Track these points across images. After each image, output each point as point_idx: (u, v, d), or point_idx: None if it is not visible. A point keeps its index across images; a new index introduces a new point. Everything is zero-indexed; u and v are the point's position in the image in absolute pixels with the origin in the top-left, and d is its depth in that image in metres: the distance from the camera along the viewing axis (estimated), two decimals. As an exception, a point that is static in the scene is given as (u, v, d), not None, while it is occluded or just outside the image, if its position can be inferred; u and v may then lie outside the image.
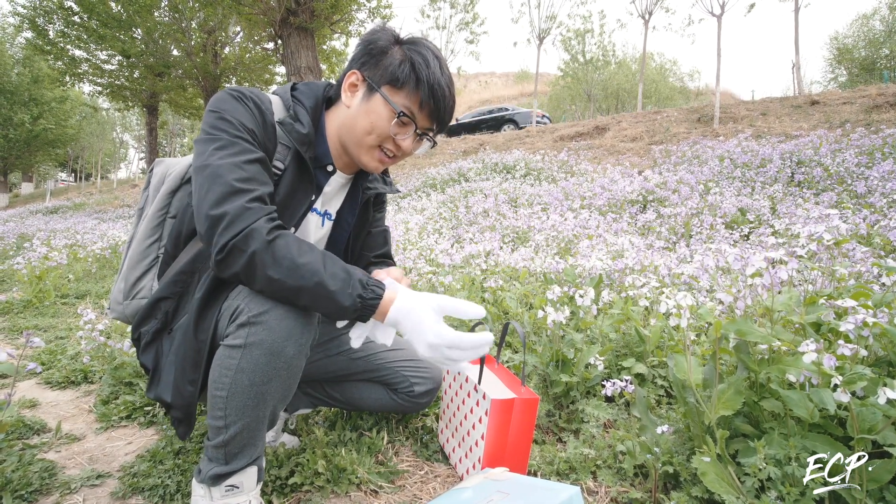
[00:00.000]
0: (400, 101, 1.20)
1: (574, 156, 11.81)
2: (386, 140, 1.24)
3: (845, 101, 11.94)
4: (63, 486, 1.47)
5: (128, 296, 1.28)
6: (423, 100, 1.20)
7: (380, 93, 1.19)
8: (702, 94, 30.37)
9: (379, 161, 1.28)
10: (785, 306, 1.25)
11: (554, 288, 2.11)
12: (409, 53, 1.20)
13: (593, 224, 5.30)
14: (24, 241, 8.77)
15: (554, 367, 2.03)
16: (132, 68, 16.70)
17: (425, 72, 1.18)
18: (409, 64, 1.18)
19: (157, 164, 1.39)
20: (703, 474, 1.13)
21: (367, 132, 1.22)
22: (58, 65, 16.14)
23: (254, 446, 1.19)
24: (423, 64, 1.18)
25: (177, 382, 1.17)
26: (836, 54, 27.24)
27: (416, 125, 1.23)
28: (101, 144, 37.22)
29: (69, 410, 2.11)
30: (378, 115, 1.20)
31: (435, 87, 1.19)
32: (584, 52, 24.71)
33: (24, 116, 23.68)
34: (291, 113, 1.23)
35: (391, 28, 1.26)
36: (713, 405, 1.20)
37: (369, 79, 1.21)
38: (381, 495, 1.43)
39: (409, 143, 1.26)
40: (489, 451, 1.34)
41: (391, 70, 1.19)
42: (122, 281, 1.28)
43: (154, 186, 1.34)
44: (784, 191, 6.06)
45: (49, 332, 3.41)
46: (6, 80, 23.33)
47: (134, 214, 1.44)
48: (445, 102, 1.22)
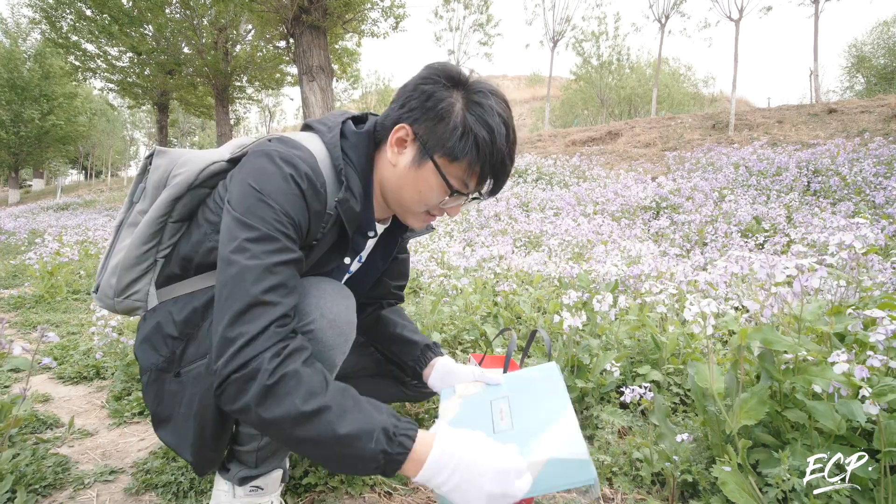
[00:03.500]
0: (454, 173, 1.05)
1: (586, 161, 11.77)
2: (433, 208, 1.12)
3: (863, 109, 11.81)
4: (76, 481, 1.47)
5: (120, 294, 1.16)
6: (482, 175, 1.07)
7: (433, 162, 1.04)
8: (716, 101, 30.15)
9: (424, 223, 1.18)
10: (814, 315, 1.22)
11: (570, 293, 2.09)
12: (472, 122, 1.02)
13: (606, 230, 5.27)
14: (35, 237, 8.81)
15: (569, 373, 2.02)
16: (143, 65, 16.56)
17: (488, 149, 1.02)
18: (473, 138, 1.01)
19: (158, 155, 1.21)
20: (724, 484, 1.12)
21: (415, 201, 1.09)
22: (69, 59, 16.14)
23: (285, 452, 1.19)
24: (486, 139, 1.02)
25: (198, 447, 1.09)
26: (855, 62, 26.93)
27: (468, 196, 1.10)
28: (111, 142, 37.36)
29: (82, 406, 2.12)
30: (429, 186, 1.06)
31: (496, 163, 1.05)
32: (598, 55, 24.62)
33: (33, 112, 23.62)
34: (344, 183, 1.07)
35: (454, 70, 1.08)
36: (735, 414, 1.18)
37: (422, 141, 1.05)
38: (394, 497, 1.43)
39: (458, 209, 1.15)
40: None
41: (451, 143, 1.02)
42: (114, 277, 1.16)
43: (153, 182, 1.18)
44: (800, 200, 6.00)
45: (61, 327, 3.42)
46: (17, 76, 23.26)
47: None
48: (506, 177, 1.09)
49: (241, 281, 0.90)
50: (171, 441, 1.11)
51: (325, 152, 1.08)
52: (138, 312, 1.19)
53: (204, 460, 1.11)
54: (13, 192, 27.14)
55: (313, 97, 9.28)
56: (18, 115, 23.69)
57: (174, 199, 1.14)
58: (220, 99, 16.12)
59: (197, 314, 1.09)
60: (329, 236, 1.11)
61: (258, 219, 0.94)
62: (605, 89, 25.02)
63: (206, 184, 1.17)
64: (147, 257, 1.15)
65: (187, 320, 1.09)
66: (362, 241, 1.22)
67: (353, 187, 1.08)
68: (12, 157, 25.65)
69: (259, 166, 0.99)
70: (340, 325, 1.06)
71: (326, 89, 9.43)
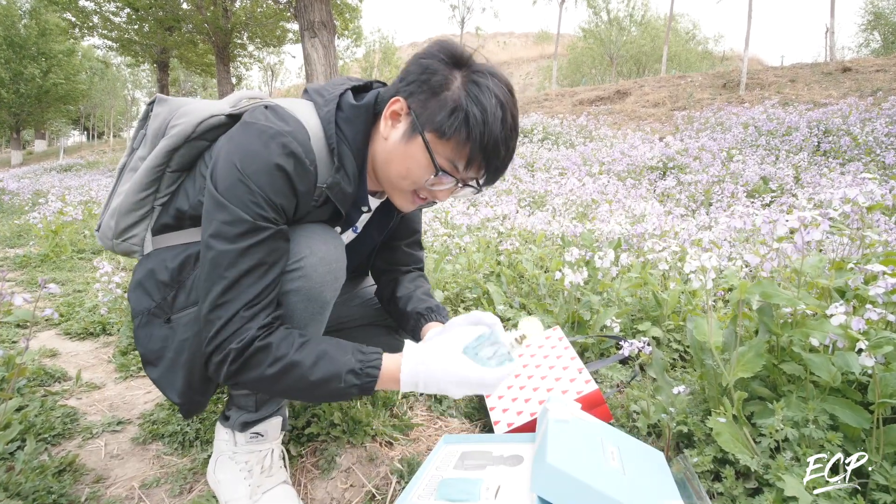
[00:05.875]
0: (443, 153, 1.02)
1: (594, 120, 11.59)
2: (421, 189, 1.09)
3: (879, 68, 11.51)
4: (85, 431, 1.51)
5: (118, 237, 1.19)
6: (471, 157, 1.02)
7: (422, 138, 1.01)
8: (727, 59, 29.38)
9: (412, 203, 1.13)
10: (814, 269, 1.22)
11: (572, 249, 2.09)
12: (465, 99, 0.98)
13: (612, 189, 5.23)
14: (39, 198, 8.81)
15: (570, 328, 2.03)
16: (142, 21, 16.27)
17: (479, 129, 0.98)
18: (463, 115, 0.98)
19: (159, 103, 1.21)
20: (718, 434, 1.13)
21: (402, 177, 1.06)
22: (66, 16, 15.83)
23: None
24: (478, 118, 0.97)
25: (185, 390, 1.12)
26: (872, 19, 26.04)
27: (457, 179, 1.06)
28: (112, 102, 37.08)
29: (89, 360, 2.15)
30: (416, 162, 1.03)
31: (488, 146, 1.00)
32: (607, 10, 23.89)
33: (34, 70, 23.33)
34: (337, 163, 1.05)
35: (458, 49, 1.04)
36: (732, 367, 1.19)
37: (415, 115, 1.02)
38: (395, 447, 1.46)
39: (447, 193, 1.11)
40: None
41: (440, 117, 0.99)
42: (113, 220, 1.18)
43: (153, 130, 1.19)
44: (809, 160, 5.92)
45: (67, 285, 3.45)
46: (14, 34, 22.86)
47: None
48: (499, 161, 1.04)
49: (217, 266, 0.95)
50: (158, 381, 1.14)
51: (319, 126, 1.06)
52: (135, 255, 1.21)
53: (191, 403, 1.14)
54: (15, 154, 27.01)
55: (315, 54, 9.06)
56: (18, 74, 23.36)
57: (171, 150, 1.14)
58: (221, 57, 15.91)
59: (189, 263, 1.11)
60: (320, 210, 1.10)
61: (236, 200, 0.95)
62: (614, 47, 24.37)
63: (205, 136, 1.16)
64: (144, 204, 1.17)
65: (180, 268, 1.11)
66: (356, 214, 1.22)
67: (347, 167, 1.07)
68: (13, 118, 25.44)
69: (245, 143, 0.98)
70: (330, 262, 1.07)
71: (329, 46, 9.19)
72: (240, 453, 1.20)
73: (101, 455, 1.41)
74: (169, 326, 1.11)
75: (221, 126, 1.16)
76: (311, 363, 0.96)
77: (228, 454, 1.20)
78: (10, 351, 1.53)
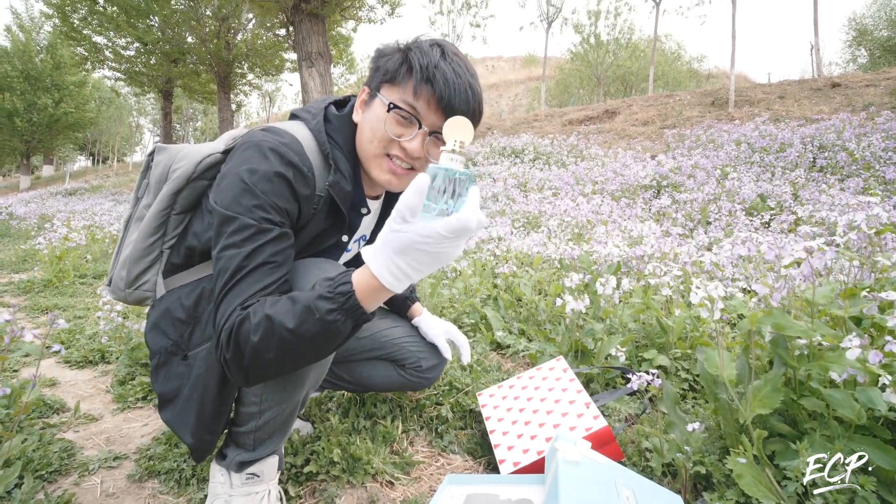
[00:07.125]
0: (395, 95, 1.08)
1: (584, 140, 11.65)
2: (390, 145, 1.10)
3: (868, 83, 11.63)
4: (81, 467, 1.49)
5: (130, 285, 1.24)
6: (417, 85, 1.05)
7: (378, 95, 1.10)
8: (713, 77, 29.74)
9: (389, 171, 1.13)
10: (826, 298, 1.17)
11: (572, 275, 2.04)
12: (407, 49, 1.10)
13: (606, 209, 5.21)
14: (44, 222, 9.06)
15: (573, 357, 1.97)
16: (149, 55, 17.11)
17: (419, 58, 1.06)
18: (407, 58, 1.08)
19: (159, 152, 1.28)
20: (739, 476, 1.07)
21: (370, 140, 1.12)
22: (78, 50, 16.60)
23: (283, 433, 1.20)
24: (417, 52, 1.07)
25: (196, 429, 1.14)
26: (856, 35, 26.48)
27: (419, 122, 1.08)
28: (118, 128, 38.11)
29: (87, 390, 2.14)
30: (377, 117, 1.10)
31: (431, 68, 1.05)
32: (595, 34, 24.24)
33: (47, 100, 24.35)
34: (333, 165, 1.13)
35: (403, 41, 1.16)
36: (748, 403, 1.14)
37: (370, 86, 1.14)
38: (397, 487, 1.40)
39: (417, 144, 1.09)
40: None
41: (388, 67, 1.09)
42: (124, 270, 1.23)
43: (156, 178, 1.25)
44: (806, 176, 5.91)
45: (68, 311, 3.48)
46: (31, 67, 24.10)
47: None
48: (449, 86, 1.05)
49: (224, 272, 0.98)
50: (172, 421, 1.17)
51: (311, 138, 1.14)
52: (148, 302, 1.27)
53: (202, 443, 1.15)
54: (24, 179, 27.90)
55: (312, 82, 9.38)
56: (32, 104, 24.41)
57: (175, 192, 1.21)
58: (223, 85, 16.61)
59: (204, 297, 1.16)
60: (320, 216, 1.16)
61: (241, 208, 1.00)
62: (601, 68, 24.64)
63: (205, 175, 1.23)
64: (153, 249, 1.23)
65: (195, 303, 1.16)
66: (357, 218, 1.26)
67: (342, 168, 1.14)
68: (24, 145, 26.38)
69: (246, 158, 1.04)
70: None
71: (325, 74, 9.58)
72: (236, 496, 1.18)
73: (97, 494, 1.38)
74: (186, 363, 1.15)
75: (219, 163, 1.24)
76: (285, 311, 0.91)
77: (224, 497, 1.18)
78: (12, 381, 1.54)
